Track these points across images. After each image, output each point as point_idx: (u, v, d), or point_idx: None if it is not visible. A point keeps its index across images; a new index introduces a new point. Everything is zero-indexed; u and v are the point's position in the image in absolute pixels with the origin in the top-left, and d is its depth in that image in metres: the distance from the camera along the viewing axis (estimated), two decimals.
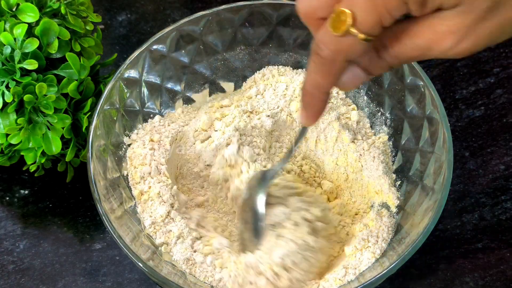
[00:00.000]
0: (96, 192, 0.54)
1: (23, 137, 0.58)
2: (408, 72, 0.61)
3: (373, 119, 0.66)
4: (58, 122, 0.59)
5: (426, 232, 0.51)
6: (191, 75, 0.68)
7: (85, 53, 0.63)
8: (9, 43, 0.57)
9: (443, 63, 0.76)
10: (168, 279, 0.51)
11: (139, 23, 0.80)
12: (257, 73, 0.69)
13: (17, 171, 0.67)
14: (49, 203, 0.65)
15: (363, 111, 0.67)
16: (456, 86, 0.74)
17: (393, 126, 0.64)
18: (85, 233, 0.64)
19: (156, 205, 0.58)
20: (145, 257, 0.52)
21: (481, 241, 0.63)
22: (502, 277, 0.61)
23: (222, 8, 0.65)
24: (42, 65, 0.59)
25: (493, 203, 0.65)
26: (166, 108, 0.66)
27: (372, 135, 0.65)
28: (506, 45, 0.77)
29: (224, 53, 0.68)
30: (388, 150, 0.64)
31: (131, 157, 0.60)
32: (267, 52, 0.69)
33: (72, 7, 0.61)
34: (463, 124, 0.71)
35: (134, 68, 0.63)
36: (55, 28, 0.58)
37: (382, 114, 0.65)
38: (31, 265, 0.62)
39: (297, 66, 0.69)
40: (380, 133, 0.65)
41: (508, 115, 0.71)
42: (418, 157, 0.60)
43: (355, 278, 0.54)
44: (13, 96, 0.57)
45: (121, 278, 0.61)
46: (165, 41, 0.64)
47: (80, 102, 0.61)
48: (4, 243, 0.63)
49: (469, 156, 0.69)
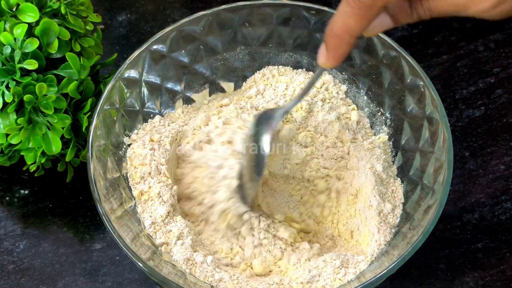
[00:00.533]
0: (96, 192, 0.54)
1: (23, 137, 0.58)
2: (408, 72, 0.61)
3: (373, 119, 0.66)
4: (58, 122, 0.59)
5: (426, 232, 0.51)
6: (191, 75, 0.68)
7: (85, 53, 0.63)
8: (9, 43, 0.57)
9: (443, 63, 0.76)
10: (168, 279, 0.51)
11: (139, 23, 0.80)
12: (257, 73, 0.69)
13: (17, 171, 0.67)
14: (49, 203, 0.65)
15: (363, 111, 0.67)
16: (456, 86, 0.74)
17: (393, 126, 0.64)
18: (85, 233, 0.64)
19: (156, 205, 0.58)
20: (145, 257, 0.52)
21: (481, 241, 0.63)
22: (502, 277, 0.61)
23: (222, 8, 0.65)
24: (42, 65, 0.59)
25: (493, 203, 0.65)
26: (166, 108, 0.66)
27: (372, 135, 0.65)
28: (506, 45, 0.77)
29: (224, 53, 0.68)
30: (388, 150, 0.64)
31: (131, 157, 0.60)
32: (267, 52, 0.69)
33: (72, 7, 0.61)
34: (463, 124, 0.71)
35: (134, 68, 0.63)
36: (55, 28, 0.58)
37: (382, 114, 0.65)
38: (31, 265, 0.62)
39: (297, 66, 0.69)
40: (380, 133, 0.65)
41: (508, 115, 0.72)
42: (418, 157, 0.60)
43: (355, 277, 0.54)
44: (13, 96, 0.57)
45: (121, 278, 0.61)
46: (165, 41, 0.64)
47: (80, 102, 0.61)
48: (4, 243, 0.63)
49: (469, 156, 0.69)
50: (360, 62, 0.66)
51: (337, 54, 0.47)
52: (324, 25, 0.65)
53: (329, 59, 0.47)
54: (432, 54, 0.76)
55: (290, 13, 0.66)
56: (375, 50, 0.64)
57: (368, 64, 0.65)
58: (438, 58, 0.76)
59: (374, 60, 0.64)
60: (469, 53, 0.76)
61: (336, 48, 0.46)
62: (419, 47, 0.76)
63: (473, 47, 0.77)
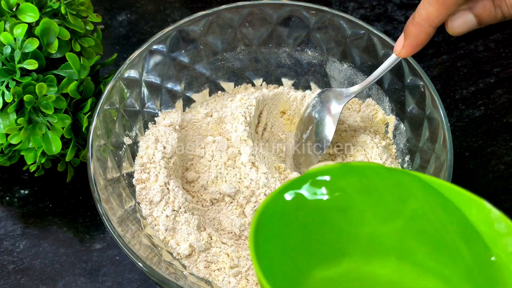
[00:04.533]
0: (96, 192, 0.54)
1: (23, 137, 0.58)
2: (408, 72, 0.61)
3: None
4: (58, 122, 0.59)
5: None
6: (191, 75, 0.68)
7: (85, 53, 0.63)
8: (9, 43, 0.57)
9: (443, 63, 0.76)
10: (168, 279, 0.51)
11: (139, 23, 0.80)
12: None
13: (17, 171, 0.67)
14: (49, 203, 0.65)
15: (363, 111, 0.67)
16: (456, 86, 0.74)
17: (393, 126, 0.64)
18: (85, 233, 0.64)
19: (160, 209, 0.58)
20: (145, 257, 0.52)
21: None
22: None
23: (222, 8, 0.65)
24: (42, 65, 0.59)
25: (493, 203, 0.65)
26: (166, 108, 0.66)
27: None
28: (506, 45, 0.77)
29: (224, 53, 0.68)
30: (389, 150, 0.64)
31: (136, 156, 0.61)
32: (267, 52, 0.69)
33: (72, 7, 0.61)
34: (463, 124, 0.71)
35: (134, 68, 0.63)
36: (55, 28, 0.58)
37: (382, 114, 0.65)
38: (31, 265, 0.62)
39: (297, 66, 0.69)
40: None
41: (508, 115, 0.72)
42: (418, 157, 0.60)
43: None
44: (13, 96, 0.57)
45: (121, 278, 0.61)
46: (165, 41, 0.64)
47: (80, 102, 0.61)
48: (4, 243, 0.63)
49: (469, 156, 0.69)
50: (360, 62, 0.66)
51: (414, 42, 0.49)
52: (324, 25, 0.66)
53: (405, 47, 0.50)
54: (432, 54, 0.76)
55: (290, 13, 0.66)
56: (375, 50, 0.64)
57: (368, 64, 0.65)
58: (438, 58, 0.76)
59: (374, 60, 0.64)
60: (469, 53, 0.76)
61: (414, 36, 0.49)
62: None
63: (473, 47, 0.77)
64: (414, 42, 0.49)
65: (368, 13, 0.79)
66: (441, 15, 0.46)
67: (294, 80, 0.69)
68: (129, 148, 0.62)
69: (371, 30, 0.63)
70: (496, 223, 0.37)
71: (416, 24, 0.48)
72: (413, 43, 0.49)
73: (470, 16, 0.47)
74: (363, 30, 0.64)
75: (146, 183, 0.60)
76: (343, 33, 0.65)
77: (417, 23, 0.48)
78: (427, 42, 0.49)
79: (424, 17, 0.47)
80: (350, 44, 0.65)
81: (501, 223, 0.37)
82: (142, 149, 0.62)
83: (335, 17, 0.65)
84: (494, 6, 0.45)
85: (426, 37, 0.49)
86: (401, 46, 0.51)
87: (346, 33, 0.65)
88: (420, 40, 0.49)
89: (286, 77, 0.70)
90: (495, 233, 0.37)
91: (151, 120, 0.65)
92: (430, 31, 0.48)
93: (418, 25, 0.48)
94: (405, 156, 0.62)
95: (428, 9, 0.46)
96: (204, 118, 0.64)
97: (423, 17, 0.47)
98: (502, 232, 0.37)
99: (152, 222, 0.58)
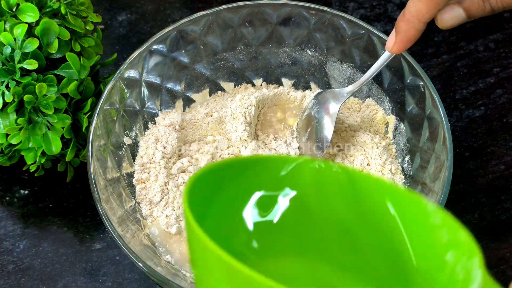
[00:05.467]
0: (96, 192, 0.54)
1: (23, 137, 0.58)
2: (408, 72, 0.61)
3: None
4: (58, 122, 0.59)
5: None
6: (191, 75, 0.68)
7: (85, 53, 0.63)
8: (9, 43, 0.57)
9: (443, 63, 0.76)
10: (168, 279, 0.51)
11: (139, 23, 0.80)
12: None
13: (17, 171, 0.67)
14: (49, 203, 0.65)
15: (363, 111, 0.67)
16: (456, 86, 0.74)
17: (393, 126, 0.64)
18: (85, 233, 0.64)
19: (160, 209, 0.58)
20: (145, 257, 0.52)
21: (481, 241, 0.63)
22: (502, 277, 0.61)
23: (222, 8, 0.65)
24: (42, 65, 0.59)
25: (493, 203, 0.65)
26: (166, 108, 0.66)
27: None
28: (506, 45, 0.77)
29: (224, 53, 0.68)
30: (389, 150, 0.64)
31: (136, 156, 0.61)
32: (267, 52, 0.69)
33: (72, 7, 0.61)
34: (463, 124, 0.71)
35: (134, 68, 0.63)
36: (55, 28, 0.58)
37: (382, 114, 0.65)
38: (31, 265, 0.62)
39: (297, 66, 0.69)
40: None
41: (508, 115, 0.71)
42: (418, 157, 0.60)
43: None
44: (13, 96, 0.57)
45: (121, 278, 0.61)
46: (165, 41, 0.64)
47: (80, 102, 0.61)
48: (4, 243, 0.63)
49: (469, 156, 0.69)
50: (360, 62, 0.66)
51: (404, 38, 0.49)
52: (324, 25, 0.66)
53: (396, 43, 0.50)
54: (432, 54, 0.76)
55: (290, 13, 0.66)
56: (375, 50, 0.64)
57: (368, 64, 0.65)
58: (438, 58, 0.76)
59: (374, 60, 0.64)
60: (469, 53, 0.76)
61: (405, 32, 0.49)
62: (419, 47, 0.76)
63: (473, 47, 0.77)
64: (405, 38, 0.50)
65: (368, 13, 0.79)
66: (431, 10, 0.47)
67: (294, 80, 0.69)
68: (129, 148, 0.62)
69: (371, 30, 0.63)
70: (431, 216, 0.38)
71: (406, 20, 0.48)
72: (404, 39, 0.50)
73: (459, 10, 0.47)
74: (363, 30, 0.64)
75: (146, 183, 0.60)
76: (343, 33, 0.65)
77: (407, 19, 0.48)
78: (418, 37, 0.49)
79: (413, 13, 0.47)
80: (350, 44, 0.65)
81: (436, 216, 0.38)
82: (142, 149, 0.62)
83: (335, 17, 0.65)
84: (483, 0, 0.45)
85: (417, 33, 0.49)
86: (393, 42, 0.51)
87: (346, 33, 0.65)
88: (410, 36, 0.49)
89: (286, 77, 0.70)
90: (431, 227, 0.38)
91: (151, 120, 0.65)
92: (420, 27, 0.48)
93: (408, 21, 0.48)
94: (405, 156, 0.62)
95: (418, 5, 0.47)
96: (204, 118, 0.64)
97: (412, 13, 0.47)
98: (437, 225, 0.38)
99: (152, 222, 0.58)
